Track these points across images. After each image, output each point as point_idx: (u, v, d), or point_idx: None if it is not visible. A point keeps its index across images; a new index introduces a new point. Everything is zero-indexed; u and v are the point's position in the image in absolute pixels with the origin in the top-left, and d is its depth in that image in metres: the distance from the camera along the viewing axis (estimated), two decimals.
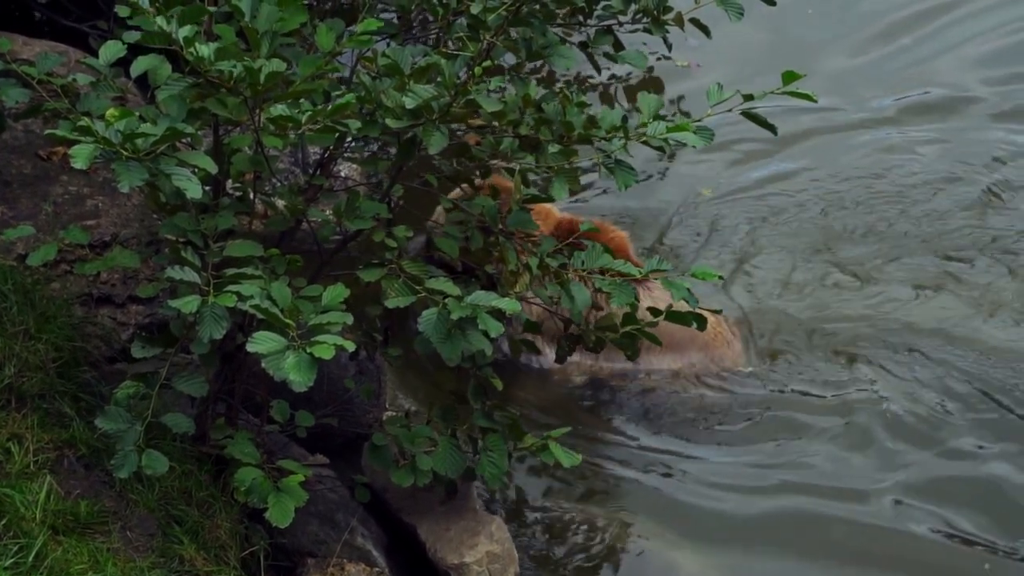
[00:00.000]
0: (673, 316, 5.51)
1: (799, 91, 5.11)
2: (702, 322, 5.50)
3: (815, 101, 5.21)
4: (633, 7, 6.17)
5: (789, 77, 5.08)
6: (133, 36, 4.85)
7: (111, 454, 4.93)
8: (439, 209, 7.01)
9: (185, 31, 4.61)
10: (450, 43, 5.47)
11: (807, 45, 9.99)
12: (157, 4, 4.63)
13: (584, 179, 7.94)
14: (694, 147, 5.05)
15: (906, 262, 8.19)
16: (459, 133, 5.55)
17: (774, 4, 5.95)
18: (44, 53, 5.61)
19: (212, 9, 4.87)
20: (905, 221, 8.50)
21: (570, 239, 5.72)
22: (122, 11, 4.70)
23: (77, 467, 5.17)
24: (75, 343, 5.55)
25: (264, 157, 5.09)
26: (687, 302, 5.41)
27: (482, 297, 4.82)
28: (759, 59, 9.49)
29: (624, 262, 5.43)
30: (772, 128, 5.32)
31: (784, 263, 8.19)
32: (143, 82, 5.11)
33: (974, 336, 7.66)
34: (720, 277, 5.61)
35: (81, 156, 4.38)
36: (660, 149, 5.12)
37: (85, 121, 4.47)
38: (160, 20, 4.60)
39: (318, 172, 5.61)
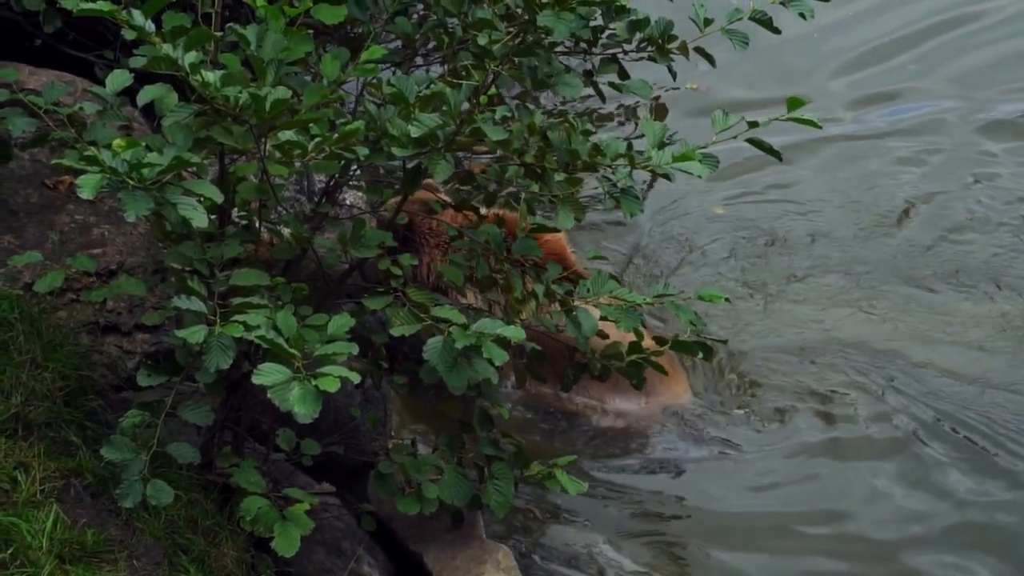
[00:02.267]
0: (678, 345, 5.50)
1: (804, 117, 5.10)
2: (708, 352, 5.49)
3: (820, 127, 5.21)
4: (638, 36, 6.18)
5: (794, 104, 5.08)
6: (139, 61, 4.87)
7: (117, 483, 4.93)
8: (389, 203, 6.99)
9: (191, 57, 4.63)
10: (457, 70, 5.48)
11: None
12: (163, 32, 4.66)
13: None
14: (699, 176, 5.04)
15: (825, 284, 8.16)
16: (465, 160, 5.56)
17: (778, 32, 5.95)
18: (50, 82, 5.63)
19: (218, 34, 4.88)
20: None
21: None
22: (128, 34, 4.72)
23: (84, 496, 5.15)
24: (81, 371, 5.55)
25: (270, 185, 5.10)
26: (694, 326, 5.40)
27: (487, 325, 4.81)
28: None
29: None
30: (777, 155, 5.32)
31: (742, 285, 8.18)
32: (149, 111, 5.13)
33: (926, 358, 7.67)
34: (727, 299, 5.60)
35: (88, 186, 4.38)
36: (666, 177, 5.12)
37: (91, 151, 4.47)
38: (166, 47, 4.61)
39: (323, 200, 5.62)
